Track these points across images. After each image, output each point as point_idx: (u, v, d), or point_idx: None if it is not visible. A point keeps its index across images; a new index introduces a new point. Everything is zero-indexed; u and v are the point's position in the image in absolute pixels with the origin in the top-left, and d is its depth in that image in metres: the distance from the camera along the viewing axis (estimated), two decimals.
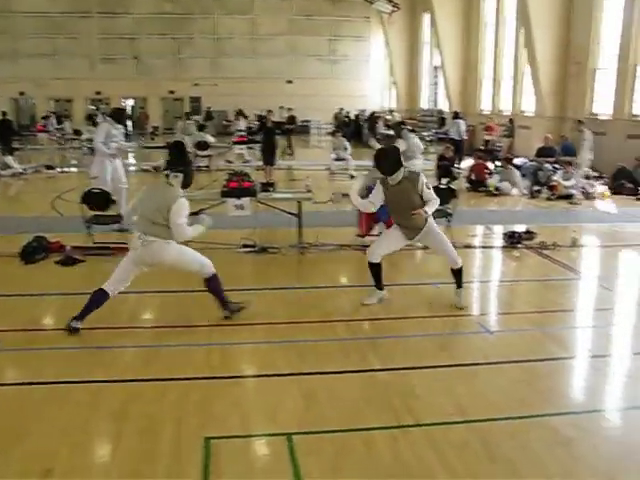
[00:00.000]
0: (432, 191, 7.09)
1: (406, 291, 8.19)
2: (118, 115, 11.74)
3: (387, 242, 7.49)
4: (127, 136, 23.37)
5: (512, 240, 10.42)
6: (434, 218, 7.40)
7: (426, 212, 6.95)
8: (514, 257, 10.01)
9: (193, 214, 9.21)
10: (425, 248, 8.96)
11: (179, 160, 6.61)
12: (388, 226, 9.91)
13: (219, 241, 9.63)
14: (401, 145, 12.43)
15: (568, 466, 4.22)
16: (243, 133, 22.54)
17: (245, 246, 9.92)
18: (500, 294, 8.40)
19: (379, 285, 7.48)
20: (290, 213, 10.02)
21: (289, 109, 25.10)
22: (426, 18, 32.42)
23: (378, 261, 7.37)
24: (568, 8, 20.69)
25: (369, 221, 10.04)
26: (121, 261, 6.59)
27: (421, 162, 13.09)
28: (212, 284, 6.67)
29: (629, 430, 4.80)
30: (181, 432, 4.56)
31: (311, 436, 4.55)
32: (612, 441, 4.59)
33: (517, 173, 16.23)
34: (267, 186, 10.05)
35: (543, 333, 6.72)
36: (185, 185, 6.53)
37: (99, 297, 6.43)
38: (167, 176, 6.46)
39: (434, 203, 7.05)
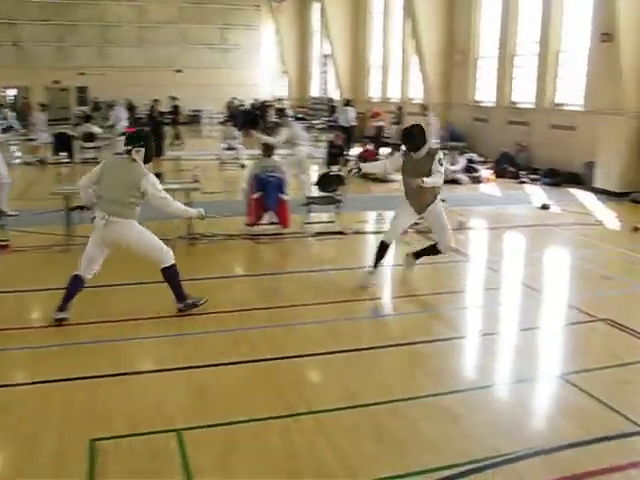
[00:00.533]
0: (442, 168, 7.31)
1: (297, 279, 8.20)
2: None
3: (402, 221, 7.78)
4: (10, 128, 22.42)
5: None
6: (322, 204, 7.50)
7: (423, 182, 7.12)
8: (403, 242, 10.16)
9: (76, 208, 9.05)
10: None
11: (141, 136, 6.45)
12: (278, 214, 9.98)
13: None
14: (284, 133, 12.48)
15: (456, 443, 4.34)
16: (125, 124, 21.74)
17: None
18: (390, 279, 8.49)
19: (377, 264, 7.72)
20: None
21: (174, 99, 24.61)
22: (316, 7, 32.55)
23: (391, 242, 7.72)
24: (451, 2, 21.27)
25: (258, 210, 10.01)
26: (87, 244, 6.44)
27: (306, 148, 13.15)
28: (169, 273, 6.51)
29: (516, 403, 5.00)
30: (65, 436, 4.37)
31: (201, 430, 4.47)
32: (499, 415, 4.77)
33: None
34: (157, 176, 9.77)
35: (433, 315, 6.93)
36: (147, 159, 6.40)
37: (74, 283, 6.33)
38: (129, 152, 6.29)
39: (436, 178, 7.25)
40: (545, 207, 13.06)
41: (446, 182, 15.01)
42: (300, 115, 27.63)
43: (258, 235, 10.04)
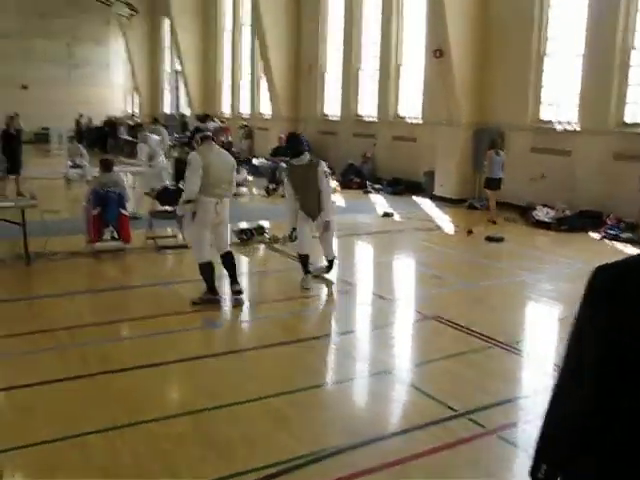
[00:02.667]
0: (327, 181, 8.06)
1: (137, 293, 8.11)
2: None
3: (307, 230, 8.14)
4: None
5: (243, 236, 10.70)
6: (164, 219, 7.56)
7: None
8: (246, 252, 10.29)
9: None
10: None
11: None
12: (118, 230, 9.81)
13: None
14: (143, 149, 12.43)
15: (285, 442, 4.44)
16: None
17: None
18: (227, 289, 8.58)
19: (308, 269, 8.22)
20: (12, 222, 9.42)
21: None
22: (166, 23, 32.26)
23: (308, 252, 8.22)
24: (297, 21, 21.81)
25: (98, 226, 9.77)
26: None
27: (164, 160, 13.12)
28: None
29: (345, 401, 5.21)
30: None
31: (23, 451, 4.32)
32: (327, 413, 4.94)
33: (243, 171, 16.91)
34: None
35: (268, 321, 7.05)
36: None
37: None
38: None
39: (327, 202, 8.06)
40: (387, 215, 13.60)
41: None
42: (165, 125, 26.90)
43: (99, 252, 9.82)
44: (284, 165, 17.82)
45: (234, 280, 7.44)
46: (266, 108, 24.22)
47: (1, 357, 5.93)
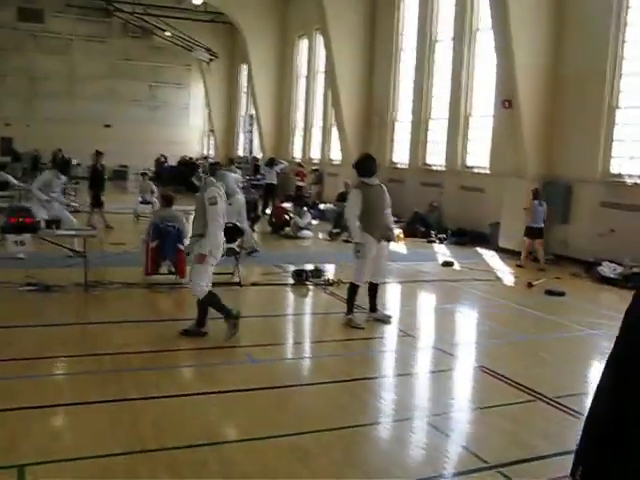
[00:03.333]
0: None
1: (181, 326, 8.20)
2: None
3: (371, 259, 8.11)
4: None
5: (300, 277, 10.76)
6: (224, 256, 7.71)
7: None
8: (300, 293, 10.34)
9: None
10: None
11: None
12: (175, 264, 9.98)
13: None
14: (219, 187, 12.71)
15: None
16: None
17: (29, 284, 9.52)
18: (274, 327, 8.62)
19: (351, 307, 8.27)
20: (73, 250, 9.75)
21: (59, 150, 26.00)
22: (244, 68, 33.21)
23: (375, 281, 8.33)
24: (370, 70, 22.17)
25: (155, 259, 9.99)
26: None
27: (242, 197, 13.49)
28: None
29: (371, 444, 5.09)
30: None
31: (48, 465, 4.40)
32: (350, 453, 4.82)
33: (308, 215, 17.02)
34: (51, 223, 9.70)
35: (303, 361, 7.03)
36: None
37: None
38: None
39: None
40: (448, 264, 13.43)
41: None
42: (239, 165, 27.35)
43: (155, 284, 10.01)
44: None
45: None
46: (336, 154, 24.48)
47: (47, 377, 6.09)
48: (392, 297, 10.71)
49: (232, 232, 10.81)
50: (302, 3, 26.54)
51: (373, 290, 8.37)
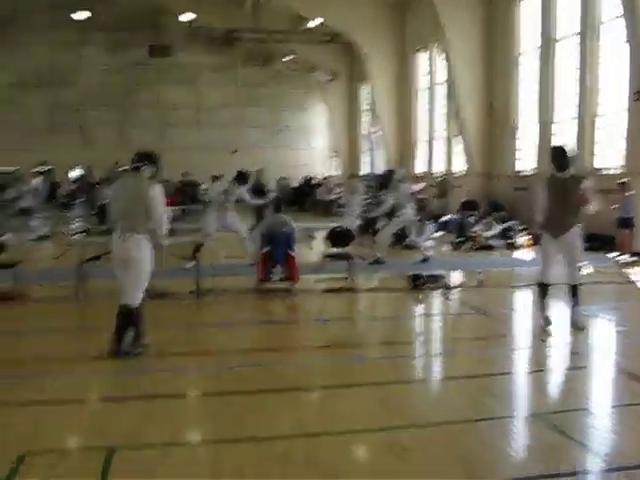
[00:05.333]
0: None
1: (293, 328, 8.08)
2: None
3: (548, 255, 7.71)
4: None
5: (416, 283, 10.40)
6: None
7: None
8: (415, 297, 9.99)
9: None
10: None
11: (151, 155, 6.58)
12: (286, 269, 9.91)
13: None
14: (390, 196, 12.74)
15: (396, 473, 4.04)
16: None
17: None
18: (385, 329, 8.39)
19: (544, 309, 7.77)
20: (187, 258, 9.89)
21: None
22: (363, 86, 33.26)
23: (550, 282, 7.73)
24: (490, 77, 21.54)
25: (266, 264, 9.94)
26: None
27: (411, 211, 13.35)
28: (135, 316, 6.41)
29: (477, 441, 4.64)
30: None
31: (132, 451, 4.35)
32: (453, 449, 4.42)
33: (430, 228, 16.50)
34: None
35: (412, 359, 6.73)
36: (156, 178, 6.49)
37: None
38: (137, 169, 6.42)
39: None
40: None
41: (482, 248, 15.22)
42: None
43: (266, 290, 9.97)
44: (471, 220, 17.57)
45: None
46: (458, 165, 23.89)
47: (154, 372, 6.11)
48: (505, 300, 10.13)
49: (344, 237, 10.66)
50: (419, 16, 26.26)
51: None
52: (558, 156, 7.59)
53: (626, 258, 13.97)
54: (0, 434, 4.64)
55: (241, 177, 12.61)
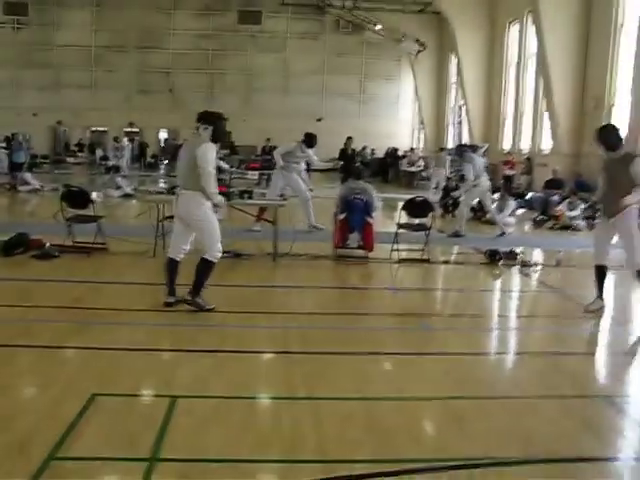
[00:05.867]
0: None
1: (364, 293, 8.11)
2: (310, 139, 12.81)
3: (600, 238, 7.45)
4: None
5: (493, 258, 10.22)
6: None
7: (624, 203, 6.79)
8: (491, 272, 9.83)
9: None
10: None
11: (210, 116, 6.66)
12: (363, 237, 9.90)
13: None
14: (469, 169, 12.64)
15: (451, 442, 4.02)
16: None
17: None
18: (455, 300, 8.38)
19: (601, 293, 7.39)
20: (265, 219, 10.00)
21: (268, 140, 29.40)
22: (452, 58, 32.56)
23: (603, 263, 7.32)
24: (584, 51, 20.65)
25: (343, 231, 9.96)
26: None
27: (487, 183, 13.23)
28: (204, 267, 6.61)
29: (531, 415, 4.56)
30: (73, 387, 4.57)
31: (194, 400, 4.50)
32: (511, 421, 4.36)
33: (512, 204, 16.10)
34: (244, 193, 9.99)
35: (480, 332, 6.66)
36: (215, 139, 6.60)
37: (169, 266, 6.73)
38: (197, 129, 6.57)
39: (638, 192, 6.83)
40: None
41: (564, 227, 14.79)
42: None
43: (341, 257, 10.00)
44: (556, 198, 17.09)
45: None
46: (546, 143, 23.19)
47: (223, 327, 6.27)
48: (581, 279, 9.82)
49: (422, 207, 10.55)
50: None
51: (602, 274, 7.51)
52: (605, 136, 7.16)
53: None
54: (75, 374, 4.85)
55: (308, 139, 12.63)
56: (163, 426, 4.00)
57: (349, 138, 19.82)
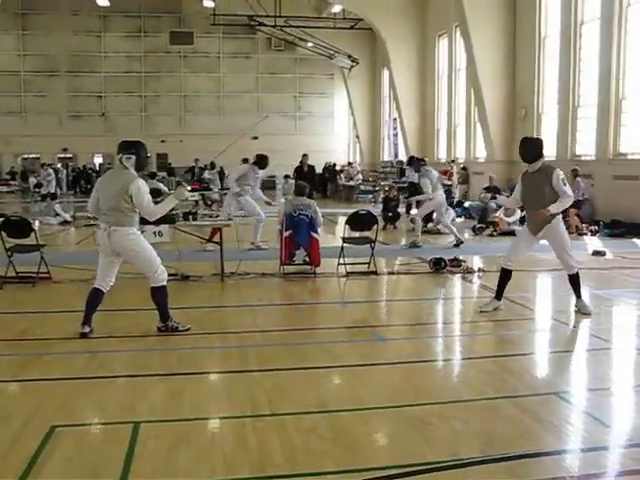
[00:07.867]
0: (567, 187, 7.08)
1: (314, 309, 8.19)
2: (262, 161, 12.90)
3: (520, 244, 7.62)
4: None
5: (438, 267, 10.42)
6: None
7: (549, 212, 6.95)
8: (436, 281, 10.02)
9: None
10: None
11: (131, 145, 6.54)
12: (309, 252, 9.97)
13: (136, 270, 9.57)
14: (427, 184, 12.83)
15: (415, 447, 4.10)
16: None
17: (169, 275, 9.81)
18: (405, 310, 8.47)
19: (499, 294, 7.62)
20: (210, 240, 9.98)
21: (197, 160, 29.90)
22: (385, 72, 33.16)
23: (511, 267, 7.50)
24: (512, 62, 21.46)
25: (289, 248, 10.03)
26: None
27: (443, 194, 13.55)
28: (158, 294, 6.57)
29: (492, 415, 4.69)
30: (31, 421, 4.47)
31: (165, 424, 4.48)
32: (470, 425, 4.48)
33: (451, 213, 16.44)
34: (188, 215, 9.97)
35: (433, 340, 6.75)
36: (139, 167, 6.49)
37: (94, 296, 6.55)
38: (120, 160, 6.43)
39: (563, 202, 7.01)
40: (598, 253, 12.56)
41: (503, 234, 15.16)
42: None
43: (290, 273, 10.06)
44: (493, 205, 17.54)
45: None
46: (481, 152, 23.78)
47: (178, 350, 6.24)
48: (529, 284, 10.12)
49: (367, 220, 10.68)
50: (440, 1, 26.12)
51: None
52: (523, 148, 7.19)
53: None
54: (32, 406, 4.76)
55: (260, 161, 12.76)
56: (129, 453, 3.97)
57: (304, 155, 19.96)
